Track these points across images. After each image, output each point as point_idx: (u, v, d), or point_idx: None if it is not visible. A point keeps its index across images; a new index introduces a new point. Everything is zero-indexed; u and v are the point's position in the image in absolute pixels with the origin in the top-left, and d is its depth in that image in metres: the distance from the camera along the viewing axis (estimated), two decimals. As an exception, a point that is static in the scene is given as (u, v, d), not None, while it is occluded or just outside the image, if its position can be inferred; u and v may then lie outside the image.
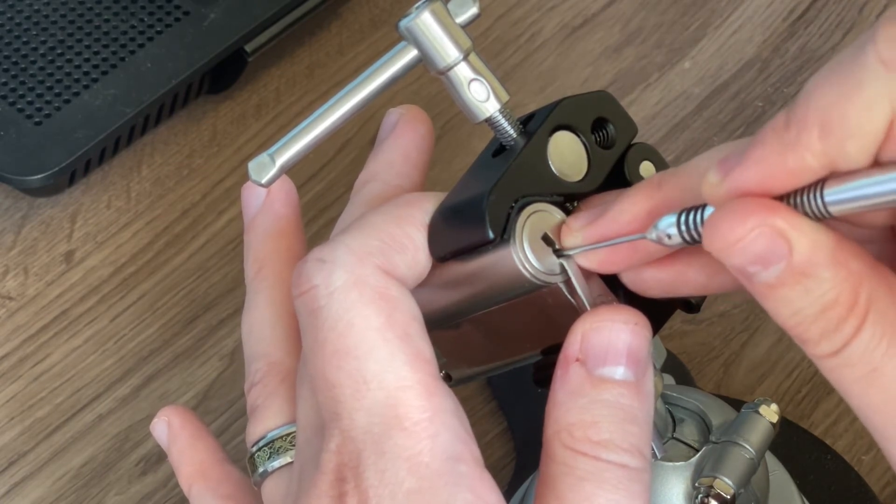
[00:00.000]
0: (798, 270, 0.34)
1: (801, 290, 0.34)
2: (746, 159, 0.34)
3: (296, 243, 0.49)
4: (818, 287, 0.34)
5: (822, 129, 0.33)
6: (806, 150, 0.33)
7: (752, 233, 0.34)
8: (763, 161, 0.34)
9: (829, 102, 0.33)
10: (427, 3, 0.41)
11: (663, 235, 0.37)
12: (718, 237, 0.34)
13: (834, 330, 0.34)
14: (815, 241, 0.34)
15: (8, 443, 0.64)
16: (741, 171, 0.34)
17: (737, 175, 0.34)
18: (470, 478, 0.39)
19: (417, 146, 0.47)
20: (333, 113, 0.42)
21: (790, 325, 0.35)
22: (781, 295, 0.34)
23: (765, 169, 0.34)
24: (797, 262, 0.34)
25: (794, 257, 0.34)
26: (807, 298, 0.34)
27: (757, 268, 0.34)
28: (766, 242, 0.34)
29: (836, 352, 0.34)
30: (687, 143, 0.74)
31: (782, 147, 0.34)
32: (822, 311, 0.34)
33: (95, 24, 0.75)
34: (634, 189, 0.39)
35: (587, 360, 0.39)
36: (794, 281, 0.34)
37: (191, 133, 0.75)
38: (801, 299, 0.34)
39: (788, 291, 0.34)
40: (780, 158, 0.34)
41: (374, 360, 0.39)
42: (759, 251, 0.34)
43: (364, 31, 0.80)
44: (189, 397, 0.65)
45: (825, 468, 0.60)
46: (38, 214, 0.72)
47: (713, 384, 0.65)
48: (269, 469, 0.45)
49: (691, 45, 0.79)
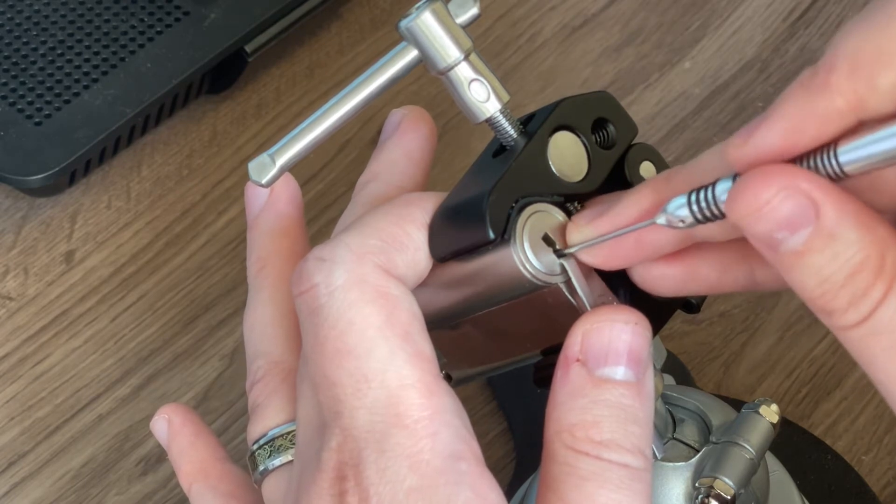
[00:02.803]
0: (826, 233, 0.33)
1: (830, 255, 0.33)
2: (770, 116, 0.34)
3: (298, 242, 0.49)
4: (846, 250, 0.33)
5: (853, 65, 0.32)
6: (835, 91, 0.33)
7: (779, 195, 0.33)
8: (788, 114, 0.33)
9: (862, 39, 0.32)
10: (427, 4, 0.41)
11: (673, 217, 0.37)
12: (744, 203, 0.34)
13: (862, 296, 0.33)
14: (841, 203, 0.33)
15: (8, 443, 0.64)
16: (766, 128, 0.34)
17: (762, 132, 0.34)
18: (471, 476, 0.39)
19: (420, 146, 0.47)
20: (333, 113, 0.42)
21: (816, 296, 0.34)
22: (808, 262, 0.34)
23: (791, 121, 0.33)
24: (825, 224, 0.33)
25: (822, 219, 0.33)
26: (835, 263, 0.33)
27: (784, 233, 0.33)
28: (793, 205, 0.33)
29: (863, 320, 0.34)
30: (687, 143, 0.74)
31: (809, 94, 0.33)
32: (851, 276, 0.33)
33: (95, 24, 0.75)
34: (641, 184, 0.39)
35: (588, 361, 0.39)
36: (823, 244, 0.33)
37: (191, 133, 0.75)
38: (829, 265, 0.33)
39: (817, 257, 0.33)
40: (806, 106, 0.33)
41: (374, 358, 0.39)
42: (787, 214, 0.33)
43: (364, 31, 0.80)
44: (189, 397, 0.65)
45: (825, 468, 0.60)
46: (38, 214, 0.72)
47: (713, 384, 0.65)
48: (269, 467, 0.45)
49: (691, 46, 0.79)
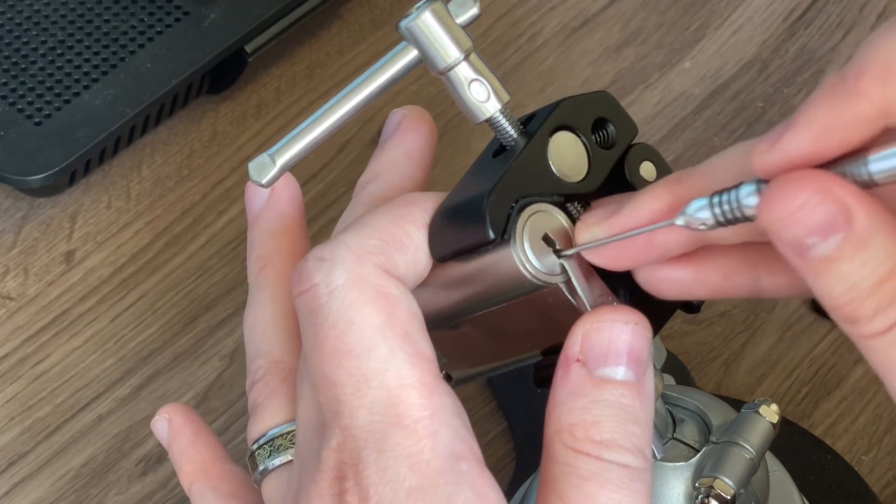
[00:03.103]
0: (858, 240, 0.33)
1: (860, 262, 0.33)
2: (796, 121, 0.34)
3: (299, 241, 0.49)
4: (876, 257, 0.33)
5: (883, 72, 0.32)
6: (864, 96, 0.33)
7: (812, 200, 0.33)
8: (815, 119, 0.33)
9: (891, 47, 0.32)
10: (427, 4, 0.41)
11: (693, 219, 0.36)
12: (777, 207, 0.33)
13: (889, 304, 0.33)
14: (872, 210, 0.33)
15: (8, 443, 0.64)
16: (792, 133, 0.34)
17: (789, 138, 0.34)
18: (471, 476, 0.39)
19: (420, 146, 0.47)
20: (334, 113, 0.42)
21: (842, 303, 0.34)
22: (837, 269, 0.33)
23: (818, 127, 0.33)
24: (857, 231, 0.33)
25: (854, 226, 0.33)
26: (864, 270, 0.33)
27: (815, 238, 0.33)
28: (826, 210, 0.33)
29: (888, 328, 0.33)
30: (687, 143, 0.74)
31: (836, 99, 0.33)
32: (878, 285, 0.33)
33: (95, 24, 0.75)
34: (653, 185, 0.39)
35: (588, 361, 0.39)
36: (853, 251, 0.33)
37: (191, 133, 0.75)
38: (857, 272, 0.33)
39: (846, 264, 0.33)
40: (834, 112, 0.33)
41: (374, 358, 0.39)
42: (820, 220, 0.33)
43: (364, 31, 0.80)
44: (189, 397, 0.65)
45: (825, 468, 0.60)
46: (38, 214, 0.72)
47: (713, 384, 0.65)
48: (269, 467, 0.45)
49: (691, 46, 0.79)
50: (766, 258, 0.39)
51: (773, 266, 0.39)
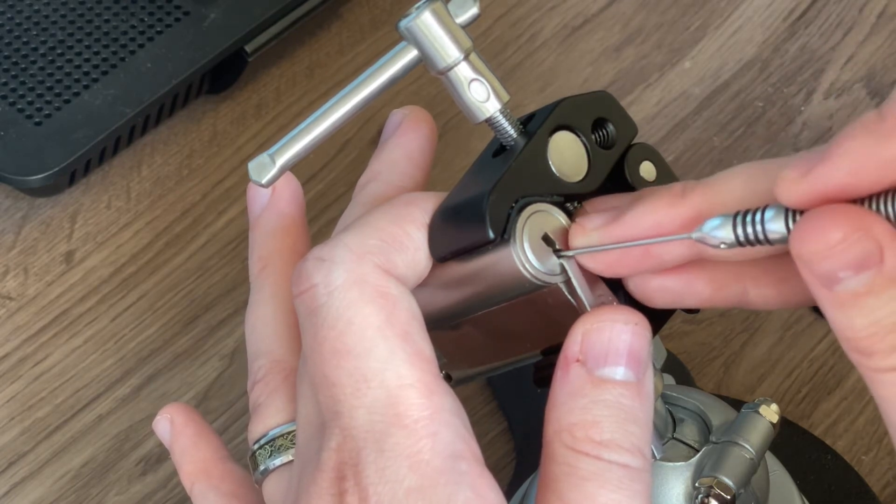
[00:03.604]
0: (889, 277, 0.33)
1: (887, 298, 0.33)
2: (832, 154, 0.33)
3: (300, 241, 0.49)
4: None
5: None
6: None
7: (852, 237, 0.33)
8: (852, 154, 0.33)
9: None
10: (427, 3, 0.41)
11: (711, 238, 0.36)
12: (813, 240, 0.33)
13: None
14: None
15: (8, 443, 0.64)
16: (826, 166, 0.34)
17: (821, 170, 0.34)
18: (470, 476, 0.39)
19: (420, 146, 0.47)
20: (333, 113, 0.42)
21: (861, 337, 0.34)
22: (865, 303, 0.34)
23: (853, 163, 0.33)
24: (889, 268, 0.33)
25: (886, 263, 0.33)
26: (888, 307, 0.33)
27: (848, 273, 0.33)
28: (863, 248, 0.33)
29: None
30: (687, 143, 0.74)
31: (876, 139, 0.33)
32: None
33: (95, 24, 0.75)
34: (652, 196, 0.39)
35: (587, 361, 0.39)
36: (882, 288, 0.33)
37: (191, 133, 0.75)
38: (882, 308, 0.33)
39: (874, 300, 0.33)
40: (871, 150, 0.33)
41: (373, 358, 0.39)
42: (856, 256, 0.33)
43: (364, 31, 0.80)
44: (189, 397, 0.65)
45: (825, 468, 0.60)
46: (38, 214, 0.72)
47: (713, 384, 0.65)
48: (270, 467, 0.45)
49: (691, 45, 0.79)
50: (755, 272, 0.39)
51: (760, 280, 0.39)
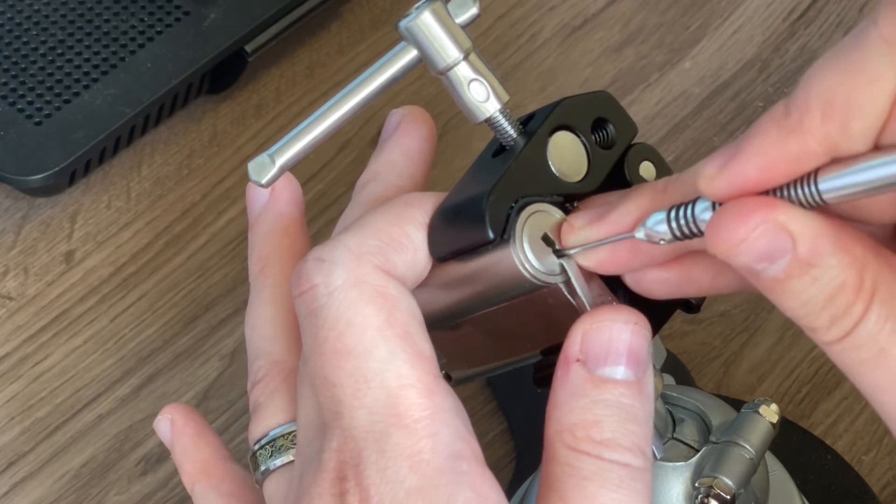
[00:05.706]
0: (804, 261, 0.34)
1: (809, 280, 0.34)
2: (744, 150, 0.35)
3: (299, 242, 0.49)
4: (825, 274, 0.34)
5: (826, 110, 0.33)
6: (808, 134, 0.33)
7: (755, 232, 0.34)
8: (762, 150, 0.34)
9: (833, 84, 0.33)
10: (427, 4, 0.41)
11: (653, 233, 0.37)
12: (722, 239, 0.35)
13: (842, 315, 0.34)
14: (817, 231, 0.34)
15: (8, 443, 0.64)
16: (739, 161, 0.35)
17: (735, 166, 0.35)
18: (471, 475, 0.39)
19: (420, 147, 0.47)
20: (333, 113, 0.42)
21: (799, 316, 0.35)
22: (789, 287, 0.35)
23: (764, 157, 0.34)
24: (802, 254, 0.34)
25: (798, 249, 0.34)
26: (814, 287, 0.34)
27: (763, 264, 0.34)
28: (769, 239, 0.34)
29: (844, 336, 0.35)
30: (687, 143, 0.74)
31: (783, 134, 0.34)
32: (830, 298, 0.34)
33: (95, 24, 0.75)
34: (637, 192, 0.39)
35: (588, 360, 0.39)
36: (801, 272, 0.34)
37: (191, 133, 0.75)
38: (808, 289, 0.34)
39: (796, 283, 0.34)
40: (780, 145, 0.34)
41: (373, 358, 0.39)
42: (764, 248, 0.34)
43: (364, 31, 0.80)
44: (189, 397, 0.65)
45: (825, 468, 0.60)
46: (38, 214, 0.72)
47: (713, 384, 0.65)
48: (270, 467, 0.45)
49: (691, 45, 0.79)
50: None
51: None
